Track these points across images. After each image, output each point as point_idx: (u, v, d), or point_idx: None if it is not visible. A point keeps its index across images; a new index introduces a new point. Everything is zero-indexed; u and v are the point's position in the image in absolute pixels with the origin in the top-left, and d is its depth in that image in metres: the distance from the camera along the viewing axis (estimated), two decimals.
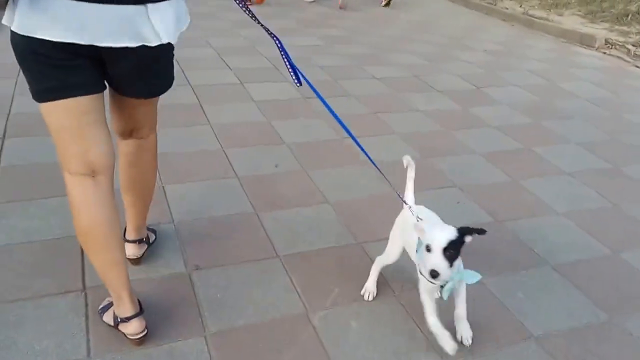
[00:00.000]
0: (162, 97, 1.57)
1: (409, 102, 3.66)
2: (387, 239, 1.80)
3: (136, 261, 1.81)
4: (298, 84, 1.51)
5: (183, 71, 3.72)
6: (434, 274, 1.36)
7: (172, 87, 1.55)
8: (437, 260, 1.37)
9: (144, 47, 1.30)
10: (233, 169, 2.58)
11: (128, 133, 1.58)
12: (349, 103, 3.54)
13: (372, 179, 2.58)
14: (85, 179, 1.38)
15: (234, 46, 4.48)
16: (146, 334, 1.53)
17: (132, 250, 1.79)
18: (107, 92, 1.45)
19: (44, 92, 1.30)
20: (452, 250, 1.37)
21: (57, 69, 1.26)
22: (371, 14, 6.46)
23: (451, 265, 1.39)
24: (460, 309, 1.57)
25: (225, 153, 2.72)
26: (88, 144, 1.35)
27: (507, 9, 6.99)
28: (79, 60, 1.27)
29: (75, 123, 1.32)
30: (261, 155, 2.74)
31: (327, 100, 1.59)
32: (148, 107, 1.55)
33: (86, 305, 1.69)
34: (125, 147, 1.60)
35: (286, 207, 2.30)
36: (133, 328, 1.50)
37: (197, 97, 3.37)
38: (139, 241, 1.80)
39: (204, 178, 2.47)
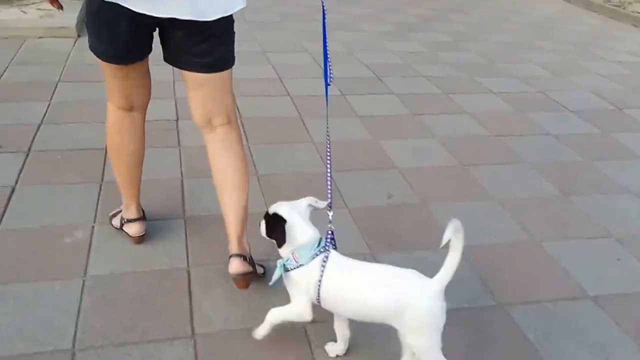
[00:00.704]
0: (266, 109, 1.41)
1: (536, 124, 3.18)
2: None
3: (244, 283, 1.62)
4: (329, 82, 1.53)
5: (281, 80, 3.52)
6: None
7: (272, 95, 1.58)
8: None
9: (198, 20, 1.41)
10: (342, 197, 2.29)
11: (206, 122, 1.62)
12: (463, 122, 3.13)
13: (505, 219, 2.18)
14: (124, 111, 1.67)
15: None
16: (144, 235, 1.85)
17: (236, 267, 1.59)
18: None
19: (98, 52, 1.52)
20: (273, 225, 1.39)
21: (112, 34, 1.44)
22: (476, 16, 5.93)
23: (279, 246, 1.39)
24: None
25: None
26: (129, 92, 1.63)
27: (639, 13, 6.15)
28: (137, 28, 1.43)
29: (121, 76, 1.58)
30: (371, 181, 2.44)
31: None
32: (214, 86, 1.57)
33: (195, 357, 1.47)
34: (210, 144, 1.65)
35: (403, 249, 1.97)
36: (135, 228, 1.84)
37: (297, 110, 3.14)
38: (243, 257, 1.60)
39: None
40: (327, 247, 1.37)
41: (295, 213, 1.40)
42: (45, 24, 4.04)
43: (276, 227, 1.38)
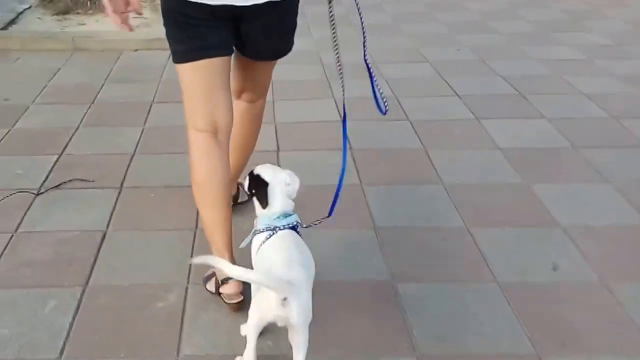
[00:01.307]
0: None
1: None
2: None
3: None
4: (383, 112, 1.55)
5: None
6: None
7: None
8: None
9: (271, 3, 1.43)
10: (490, 268, 1.78)
11: (238, 94, 1.76)
12: None
13: None
14: (209, 135, 1.56)
15: (453, 60, 3.62)
16: (242, 301, 1.57)
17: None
18: None
19: (181, 53, 1.51)
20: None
21: (194, 29, 1.45)
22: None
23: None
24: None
25: (472, 235, 1.94)
26: (214, 104, 1.55)
27: None
28: (215, 21, 1.45)
29: (206, 83, 1.52)
30: (526, 244, 1.89)
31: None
32: (264, 71, 1.72)
33: None
34: (237, 107, 1.72)
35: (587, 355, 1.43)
36: (230, 288, 1.58)
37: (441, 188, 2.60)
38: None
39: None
40: (288, 226, 1.39)
41: (277, 181, 1.45)
42: (141, 35, 3.92)
43: (259, 188, 1.47)
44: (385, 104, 1.50)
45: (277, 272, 1.23)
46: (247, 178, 1.52)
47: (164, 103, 3.05)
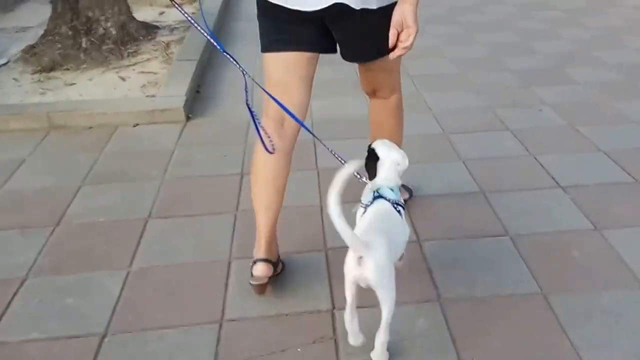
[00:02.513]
0: None
1: None
2: None
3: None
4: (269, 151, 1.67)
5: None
6: None
7: None
8: None
9: (363, 11, 1.56)
10: None
11: (372, 93, 1.95)
12: None
13: None
14: (276, 124, 1.71)
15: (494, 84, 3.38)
16: (266, 284, 1.73)
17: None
18: None
19: (265, 44, 1.69)
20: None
21: (279, 24, 1.64)
22: None
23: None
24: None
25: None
26: (286, 96, 1.67)
27: None
28: (300, 23, 1.61)
29: (280, 75, 1.69)
30: None
31: None
32: (377, 72, 1.84)
33: None
34: (370, 106, 2.00)
35: None
36: (256, 270, 1.73)
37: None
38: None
39: None
40: (388, 199, 1.55)
41: (388, 158, 1.62)
42: (144, 103, 2.92)
43: (370, 162, 1.65)
44: (271, 142, 1.65)
45: (357, 233, 1.40)
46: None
47: (164, 219, 2.10)
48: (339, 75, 3.15)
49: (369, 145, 1.69)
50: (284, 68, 1.67)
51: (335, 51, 1.73)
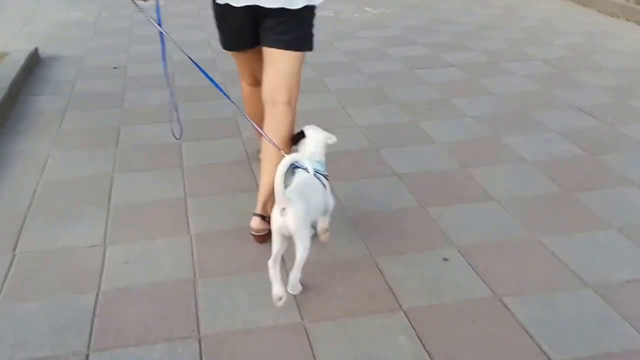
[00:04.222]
0: None
1: None
2: None
3: (259, 239, 2.10)
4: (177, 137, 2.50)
5: None
6: None
7: None
8: None
9: (284, 9, 1.97)
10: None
11: (271, 100, 2.10)
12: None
13: None
14: (252, 87, 2.36)
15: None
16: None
17: (255, 224, 2.10)
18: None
19: (225, 45, 2.25)
20: None
21: (230, 28, 2.14)
22: None
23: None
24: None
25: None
26: (253, 71, 2.29)
27: None
28: (246, 21, 2.05)
29: (245, 63, 2.31)
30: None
31: None
32: (284, 67, 2.07)
33: None
34: (266, 114, 2.12)
35: None
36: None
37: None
38: (263, 217, 2.09)
39: None
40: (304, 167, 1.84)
41: (314, 135, 2.04)
42: None
43: (298, 138, 2.06)
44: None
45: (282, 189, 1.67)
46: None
47: None
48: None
49: (300, 131, 2.04)
50: (246, 59, 2.27)
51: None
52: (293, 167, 1.86)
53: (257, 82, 2.24)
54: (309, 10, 2.01)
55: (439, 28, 5.02)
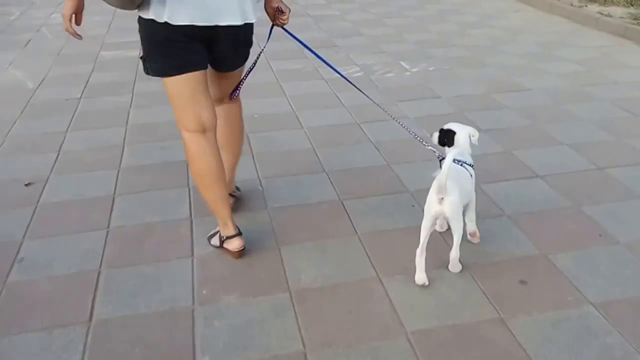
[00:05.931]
0: None
1: None
2: None
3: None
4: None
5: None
6: None
7: None
8: None
9: (244, 24, 2.00)
10: None
11: (219, 100, 2.29)
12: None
13: None
14: (199, 134, 2.09)
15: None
16: (244, 249, 2.24)
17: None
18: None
19: (169, 68, 1.99)
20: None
21: (179, 50, 1.96)
22: None
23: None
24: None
25: None
26: (200, 107, 2.06)
27: None
28: (194, 43, 1.96)
29: (191, 91, 2.02)
30: None
31: None
32: (232, 79, 2.28)
33: None
34: (220, 111, 2.25)
35: None
36: (235, 244, 2.22)
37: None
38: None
39: None
40: (458, 161, 2.17)
41: (462, 132, 2.26)
42: None
43: (449, 136, 2.27)
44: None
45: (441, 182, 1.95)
46: (438, 133, 2.30)
47: None
48: None
49: (441, 128, 2.27)
50: (191, 85, 2.07)
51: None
52: (440, 160, 2.12)
53: (203, 128, 2.10)
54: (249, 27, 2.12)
55: (506, 97, 3.82)
